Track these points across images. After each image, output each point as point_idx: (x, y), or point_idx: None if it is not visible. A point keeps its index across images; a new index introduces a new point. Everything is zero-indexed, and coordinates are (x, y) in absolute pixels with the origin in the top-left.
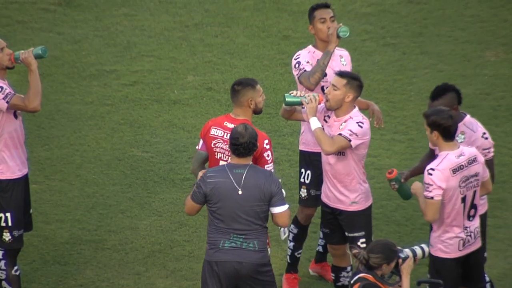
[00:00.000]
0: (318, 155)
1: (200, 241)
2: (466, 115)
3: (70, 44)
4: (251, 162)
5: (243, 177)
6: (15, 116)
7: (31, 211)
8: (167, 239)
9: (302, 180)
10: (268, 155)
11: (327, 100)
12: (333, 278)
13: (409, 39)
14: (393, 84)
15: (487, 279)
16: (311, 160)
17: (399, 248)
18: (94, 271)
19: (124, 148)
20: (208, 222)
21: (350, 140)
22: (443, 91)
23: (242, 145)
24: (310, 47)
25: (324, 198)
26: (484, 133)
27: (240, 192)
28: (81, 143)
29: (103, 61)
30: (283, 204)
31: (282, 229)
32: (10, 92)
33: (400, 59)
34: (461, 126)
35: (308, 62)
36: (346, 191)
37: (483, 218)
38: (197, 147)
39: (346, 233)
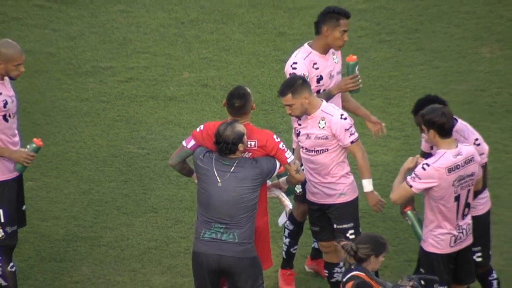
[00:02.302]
0: None
1: None
2: (457, 121)
3: (65, 41)
4: (238, 156)
5: (231, 169)
6: (6, 120)
7: (24, 207)
8: (163, 236)
9: None
10: (283, 146)
11: (294, 116)
12: (326, 274)
13: (404, 35)
14: (389, 80)
15: (495, 276)
16: None
17: (414, 276)
18: (90, 267)
19: (120, 144)
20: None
21: (358, 137)
22: (419, 108)
23: (218, 145)
24: (306, 47)
25: (310, 197)
26: (477, 139)
27: (220, 185)
28: (77, 140)
29: (99, 57)
30: (276, 168)
31: (282, 215)
32: None
33: (395, 55)
34: (453, 133)
35: (304, 75)
36: (333, 185)
37: (486, 216)
38: (185, 144)
39: (335, 226)
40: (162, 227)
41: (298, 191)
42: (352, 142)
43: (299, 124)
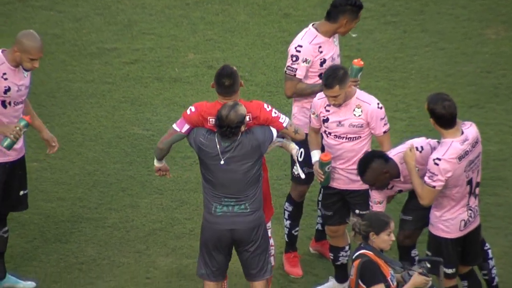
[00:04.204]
0: None
1: (201, 219)
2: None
3: (71, 22)
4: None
5: (233, 148)
6: (4, 106)
7: (22, 192)
8: (167, 217)
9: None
10: (275, 112)
11: (336, 105)
12: (331, 258)
13: (409, 17)
14: (394, 62)
15: (488, 246)
16: (304, 139)
17: (423, 263)
18: (95, 249)
19: (125, 126)
20: (202, 184)
21: (389, 128)
22: (364, 168)
23: (221, 129)
24: (312, 29)
25: (331, 183)
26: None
27: (224, 165)
28: (82, 121)
29: (104, 39)
30: (272, 136)
31: (295, 167)
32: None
33: (400, 37)
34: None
35: (306, 60)
36: None
37: None
38: (178, 129)
39: (357, 211)
40: (167, 209)
41: (296, 173)
42: (384, 132)
43: (327, 111)
